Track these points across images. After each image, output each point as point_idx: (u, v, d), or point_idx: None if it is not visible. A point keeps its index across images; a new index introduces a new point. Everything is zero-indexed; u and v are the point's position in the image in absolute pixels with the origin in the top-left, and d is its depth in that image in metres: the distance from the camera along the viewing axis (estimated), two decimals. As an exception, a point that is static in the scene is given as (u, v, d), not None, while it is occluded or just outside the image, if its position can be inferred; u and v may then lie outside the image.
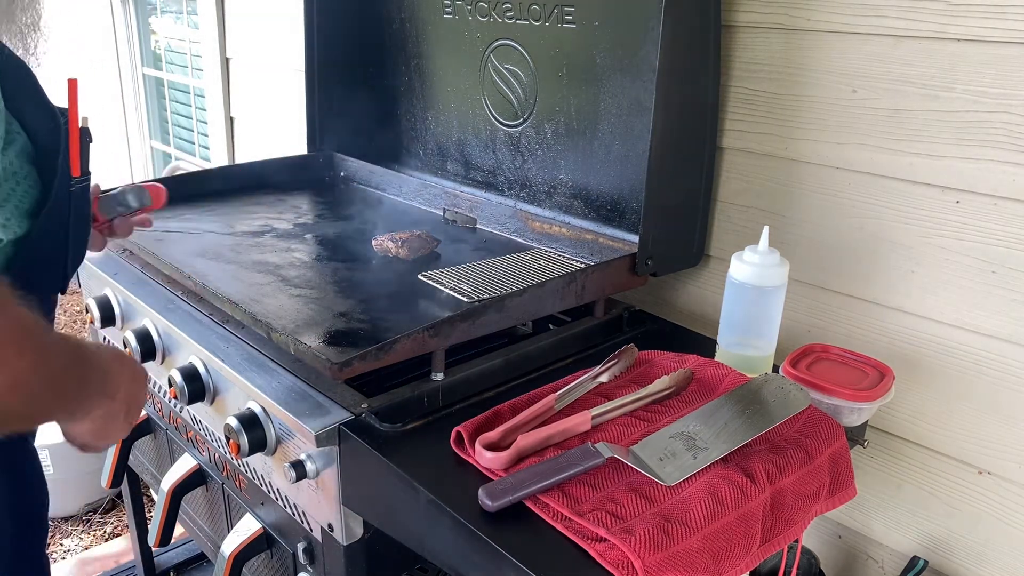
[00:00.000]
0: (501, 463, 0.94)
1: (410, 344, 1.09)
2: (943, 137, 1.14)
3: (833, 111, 1.25)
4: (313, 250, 1.54)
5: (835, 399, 1.09)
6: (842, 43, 1.22)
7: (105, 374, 0.89)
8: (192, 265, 1.40)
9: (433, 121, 1.84)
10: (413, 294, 1.35)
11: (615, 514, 0.85)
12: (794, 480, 0.95)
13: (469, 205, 1.71)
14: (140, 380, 0.97)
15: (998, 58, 1.07)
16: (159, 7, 3.40)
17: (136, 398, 0.96)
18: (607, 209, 1.50)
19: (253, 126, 2.70)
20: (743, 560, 0.87)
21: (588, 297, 1.33)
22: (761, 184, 1.37)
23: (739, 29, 1.34)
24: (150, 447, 1.72)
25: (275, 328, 1.13)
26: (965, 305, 1.18)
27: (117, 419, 0.93)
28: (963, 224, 1.15)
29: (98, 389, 0.88)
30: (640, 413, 1.05)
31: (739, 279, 1.16)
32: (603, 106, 1.45)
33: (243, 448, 1.15)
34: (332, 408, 1.09)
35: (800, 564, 1.25)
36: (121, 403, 0.92)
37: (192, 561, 2.18)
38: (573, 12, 1.43)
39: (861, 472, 1.25)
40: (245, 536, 1.33)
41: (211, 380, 1.28)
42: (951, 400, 1.22)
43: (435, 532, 0.94)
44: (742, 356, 1.19)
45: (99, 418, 0.90)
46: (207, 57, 2.77)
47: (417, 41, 1.80)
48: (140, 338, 1.41)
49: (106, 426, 0.92)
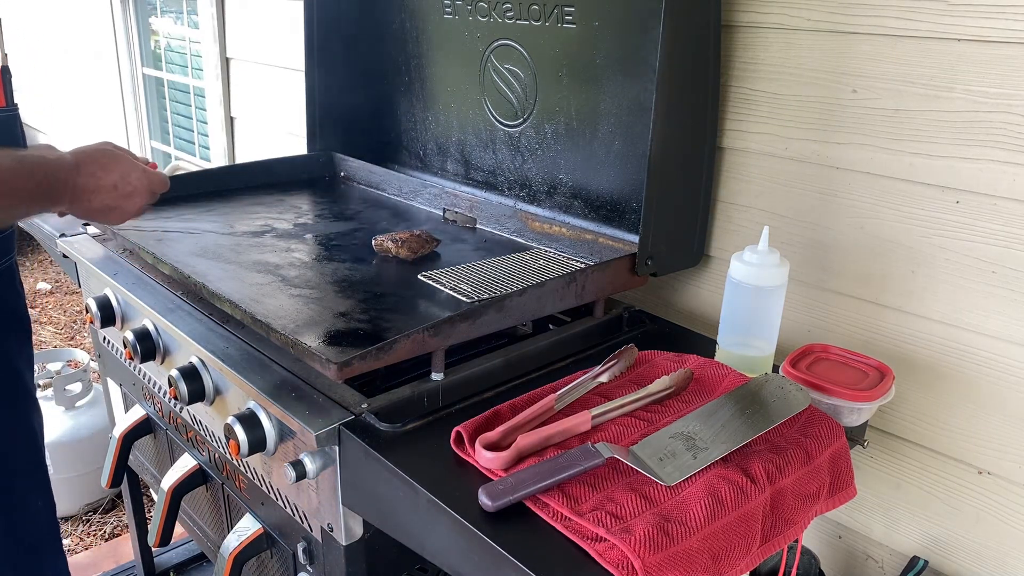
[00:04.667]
0: (501, 463, 0.94)
1: (410, 344, 1.09)
2: (943, 137, 1.14)
3: (833, 111, 1.25)
4: (313, 250, 1.54)
5: (835, 399, 1.09)
6: (842, 43, 1.22)
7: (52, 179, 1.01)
8: (192, 265, 1.40)
9: (433, 121, 1.84)
10: (413, 294, 1.35)
11: (615, 514, 0.85)
12: (794, 480, 0.95)
13: (469, 205, 1.71)
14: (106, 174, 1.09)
15: (998, 58, 1.07)
16: (159, 7, 3.40)
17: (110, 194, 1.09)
18: (607, 209, 1.50)
19: (253, 126, 2.70)
20: (743, 560, 0.87)
21: (588, 297, 1.33)
22: (761, 184, 1.37)
23: (739, 29, 1.34)
24: (150, 447, 1.72)
25: (275, 328, 1.13)
26: (965, 305, 1.18)
27: (116, 194, 1.09)
28: (963, 224, 1.15)
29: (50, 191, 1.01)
30: (640, 413, 1.05)
31: (739, 279, 1.16)
32: (603, 106, 1.45)
33: (243, 448, 1.15)
34: (332, 408, 1.09)
35: (800, 564, 1.25)
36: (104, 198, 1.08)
37: (192, 561, 2.18)
38: (573, 12, 1.43)
39: (861, 472, 1.25)
40: (245, 536, 1.33)
41: (211, 380, 1.28)
42: (951, 400, 1.22)
43: (435, 532, 0.94)
44: (742, 356, 1.19)
45: (88, 211, 1.08)
46: (207, 57, 2.77)
47: (417, 41, 1.80)
48: (140, 338, 1.41)
49: (112, 208, 1.10)
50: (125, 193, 1.11)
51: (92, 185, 1.07)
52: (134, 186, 1.11)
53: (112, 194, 1.09)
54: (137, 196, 1.12)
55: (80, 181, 1.05)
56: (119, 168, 1.10)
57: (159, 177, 1.16)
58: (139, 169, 1.12)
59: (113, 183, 1.09)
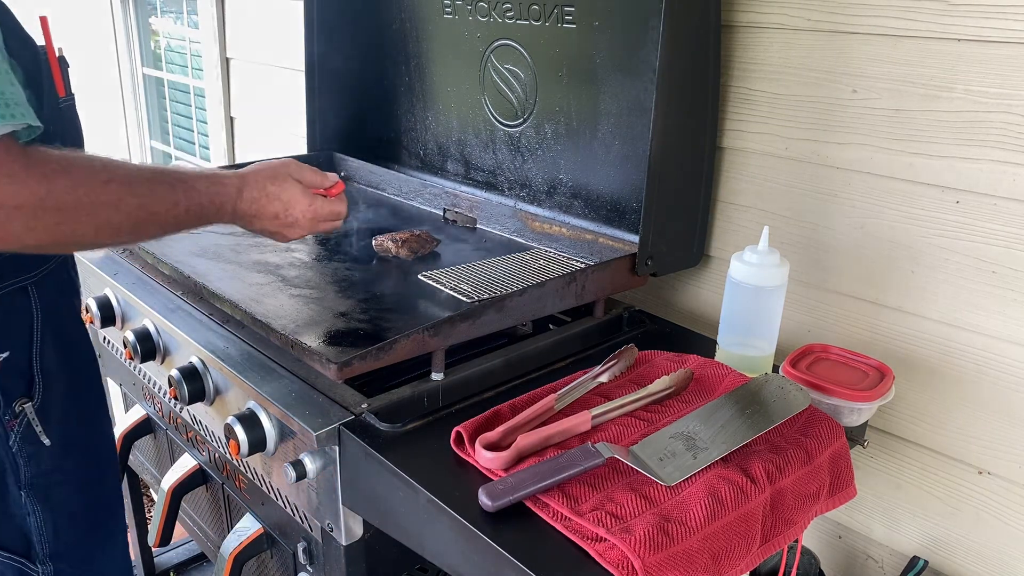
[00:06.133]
0: (501, 463, 0.94)
1: (410, 344, 1.09)
2: (943, 137, 1.14)
3: (833, 111, 1.25)
4: (313, 250, 1.54)
5: (835, 399, 1.09)
6: (842, 43, 1.22)
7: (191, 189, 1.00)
8: (192, 265, 1.40)
9: (433, 121, 1.84)
10: (413, 294, 1.35)
11: (615, 514, 0.85)
12: (794, 480, 0.95)
13: (469, 205, 1.71)
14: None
15: (998, 58, 1.07)
16: (159, 7, 3.40)
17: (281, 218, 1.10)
18: (607, 209, 1.50)
19: (253, 126, 2.70)
20: (743, 560, 0.87)
21: (588, 297, 1.33)
22: (761, 184, 1.37)
23: (739, 29, 1.34)
24: (150, 447, 1.72)
25: (275, 328, 1.13)
26: (965, 305, 1.18)
27: (276, 222, 1.10)
28: (963, 224, 1.15)
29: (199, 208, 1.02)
30: (640, 413, 1.05)
31: (739, 279, 1.16)
32: (603, 106, 1.45)
33: (243, 448, 1.15)
34: (332, 408, 1.09)
35: (800, 564, 1.25)
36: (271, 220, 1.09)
37: (192, 561, 2.18)
38: (573, 12, 1.43)
39: (861, 472, 1.25)
40: (245, 536, 1.33)
41: (211, 380, 1.28)
42: (951, 400, 1.22)
43: (435, 532, 0.94)
44: (742, 356, 1.19)
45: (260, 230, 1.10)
46: (207, 57, 2.77)
47: (417, 41, 1.80)
48: (140, 338, 1.41)
49: (274, 233, 1.12)
50: (286, 223, 1.11)
51: (252, 211, 1.07)
52: (295, 218, 1.10)
53: (273, 222, 1.10)
54: (298, 228, 1.12)
55: (241, 207, 1.06)
56: (283, 197, 1.09)
57: (327, 210, 1.14)
58: (304, 202, 1.10)
59: (275, 212, 1.09)
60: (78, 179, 0.88)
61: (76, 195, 0.87)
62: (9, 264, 1.03)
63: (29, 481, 1.11)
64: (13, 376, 1.08)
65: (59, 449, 1.13)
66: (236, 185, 1.06)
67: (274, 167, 1.11)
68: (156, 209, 0.96)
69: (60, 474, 1.13)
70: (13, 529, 1.11)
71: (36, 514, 1.12)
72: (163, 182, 0.97)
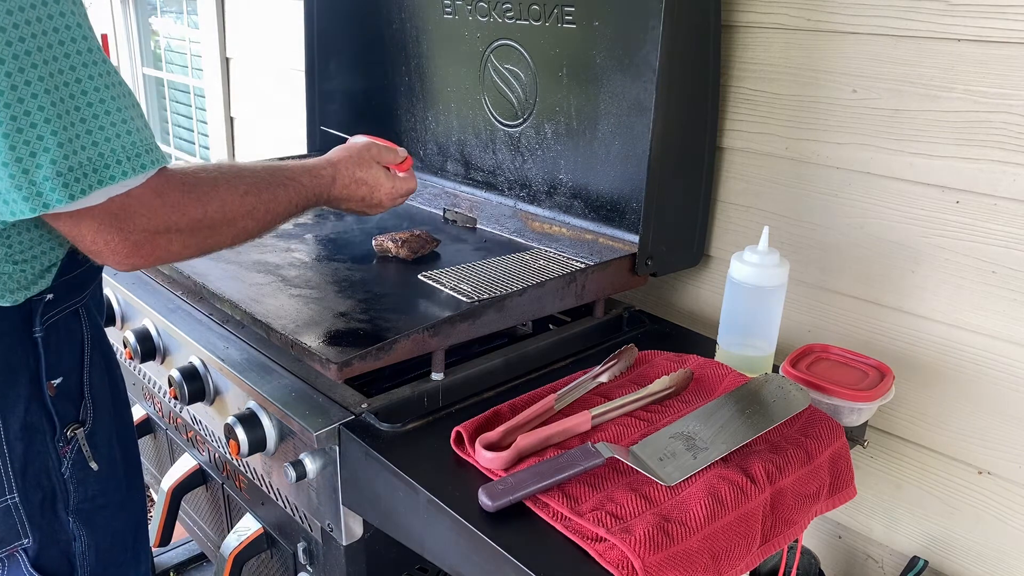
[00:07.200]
0: (501, 463, 0.94)
1: (410, 344, 1.09)
2: (943, 137, 1.14)
3: (833, 111, 1.25)
4: (313, 250, 1.54)
5: (835, 399, 1.09)
6: (842, 43, 1.22)
7: (296, 183, 1.08)
8: (192, 265, 1.40)
9: (433, 121, 1.84)
10: (413, 294, 1.35)
11: (615, 514, 0.85)
12: (794, 480, 0.95)
13: (469, 205, 1.71)
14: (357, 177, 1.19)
15: (998, 58, 1.07)
16: (159, 7, 3.40)
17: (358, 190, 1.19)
18: (607, 209, 1.50)
19: (253, 126, 2.70)
20: (743, 560, 0.87)
21: (588, 297, 1.33)
22: (761, 184, 1.37)
23: (739, 29, 1.34)
24: (150, 447, 1.72)
25: (275, 328, 1.13)
26: (965, 305, 1.18)
27: (363, 204, 1.21)
28: (963, 224, 1.15)
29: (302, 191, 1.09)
30: (640, 413, 1.05)
31: (739, 279, 1.16)
32: (603, 106, 1.45)
33: (243, 448, 1.15)
34: (332, 408, 1.09)
35: (800, 564, 1.25)
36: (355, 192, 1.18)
37: (192, 561, 2.18)
38: (573, 12, 1.43)
39: (861, 472, 1.25)
40: (245, 536, 1.33)
41: (211, 380, 1.28)
42: (951, 400, 1.22)
43: (435, 532, 0.94)
44: (742, 356, 1.19)
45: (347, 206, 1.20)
46: (207, 57, 2.77)
47: (417, 41, 1.80)
48: (140, 338, 1.41)
49: (359, 212, 1.23)
50: (371, 204, 1.22)
51: (344, 196, 1.17)
52: (380, 199, 1.22)
53: (359, 204, 1.21)
54: (380, 208, 1.24)
55: (334, 193, 1.15)
56: (370, 181, 1.19)
57: (404, 188, 1.26)
58: (388, 184, 1.22)
59: (362, 196, 1.19)
60: (224, 197, 0.95)
61: (224, 212, 0.95)
62: (63, 287, 1.01)
63: (76, 507, 1.10)
64: (66, 401, 1.07)
65: (105, 473, 1.13)
66: (330, 175, 1.14)
67: (360, 152, 1.20)
68: (279, 211, 1.04)
69: (103, 498, 1.13)
70: (59, 555, 1.10)
71: (81, 539, 1.11)
72: (279, 184, 1.04)
